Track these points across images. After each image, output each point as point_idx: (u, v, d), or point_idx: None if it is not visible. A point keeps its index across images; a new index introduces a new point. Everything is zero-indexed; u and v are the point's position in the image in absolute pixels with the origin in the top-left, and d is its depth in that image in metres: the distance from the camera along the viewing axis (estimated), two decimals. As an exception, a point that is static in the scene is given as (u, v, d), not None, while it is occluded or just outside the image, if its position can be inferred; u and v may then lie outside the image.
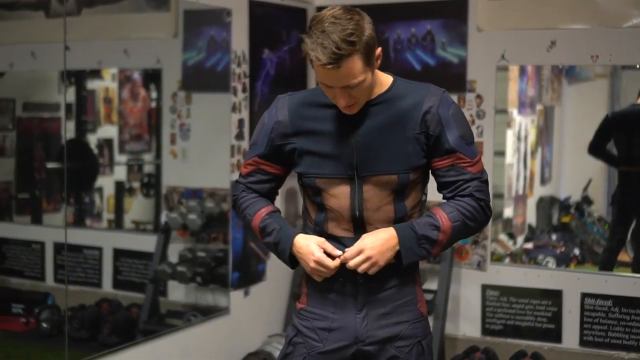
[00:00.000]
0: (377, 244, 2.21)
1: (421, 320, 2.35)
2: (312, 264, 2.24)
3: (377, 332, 2.29)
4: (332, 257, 2.25)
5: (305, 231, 2.37)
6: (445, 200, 2.30)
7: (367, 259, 2.20)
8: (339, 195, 2.27)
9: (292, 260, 2.33)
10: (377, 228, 2.25)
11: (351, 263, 2.21)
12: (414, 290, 2.34)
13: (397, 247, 2.22)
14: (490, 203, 2.32)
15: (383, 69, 2.29)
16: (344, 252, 2.24)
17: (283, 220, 2.36)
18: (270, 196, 2.44)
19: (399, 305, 2.31)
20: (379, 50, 2.19)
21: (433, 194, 2.37)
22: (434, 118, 2.21)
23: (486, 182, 2.29)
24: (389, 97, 2.25)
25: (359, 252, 2.21)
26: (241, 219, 2.46)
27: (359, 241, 2.23)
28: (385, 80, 2.28)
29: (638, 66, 4.33)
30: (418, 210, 2.34)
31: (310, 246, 2.25)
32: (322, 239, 2.28)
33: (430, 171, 2.32)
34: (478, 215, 2.26)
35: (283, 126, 2.31)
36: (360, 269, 2.21)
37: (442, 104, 2.23)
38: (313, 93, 2.33)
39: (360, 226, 2.27)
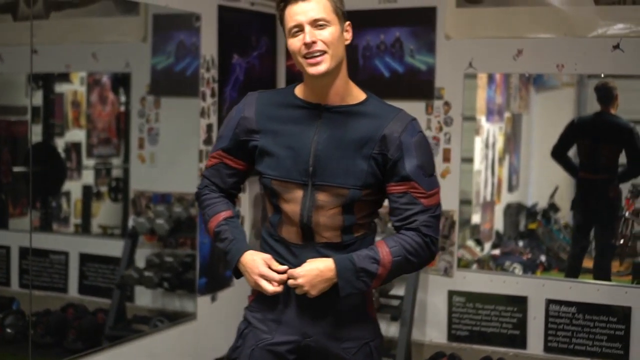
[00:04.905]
0: (311, 274, 2.23)
1: (369, 322, 2.36)
2: (255, 277, 2.28)
3: (324, 329, 2.30)
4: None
5: (264, 230, 2.39)
6: (393, 230, 2.30)
7: (300, 286, 2.24)
8: (292, 200, 2.29)
9: (236, 272, 2.38)
10: (325, 237, 2.27)
11: (289, 283, 2.26)
12: (361, 294, 2.32)
13: (335, 280, 2.22)
14: (437, 240, 2.28)
15: (352, 75, 2.30)
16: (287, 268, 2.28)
17: (238, 231, 2.39)
18: (233, 191, 2.48)
19: (347, 308, 2.31)
20: (348, 23, 2.26)
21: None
22: (395, 142, 2.22)
23: (438, 217, 2.27)
24: (357, 111, 2.26)
25: (294, 278, 2.24)
26: (201, 214, 2.50)
27: (300, 267, 2.25)
28: (359, 94, 2.30)
29: (603, 75, 4.37)
30: (370, 220, 2.34)
31: (256, 261, 2.29)
32: (268, 256, 2.32)
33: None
34: (422, 251, 2.25)
35: (248, 122, 2.33)
36: (297, 292, 2.26)
37: (407, 130, 2.23)
38: (283, 93, 2.35)
39: (308, 233, 2.29)
